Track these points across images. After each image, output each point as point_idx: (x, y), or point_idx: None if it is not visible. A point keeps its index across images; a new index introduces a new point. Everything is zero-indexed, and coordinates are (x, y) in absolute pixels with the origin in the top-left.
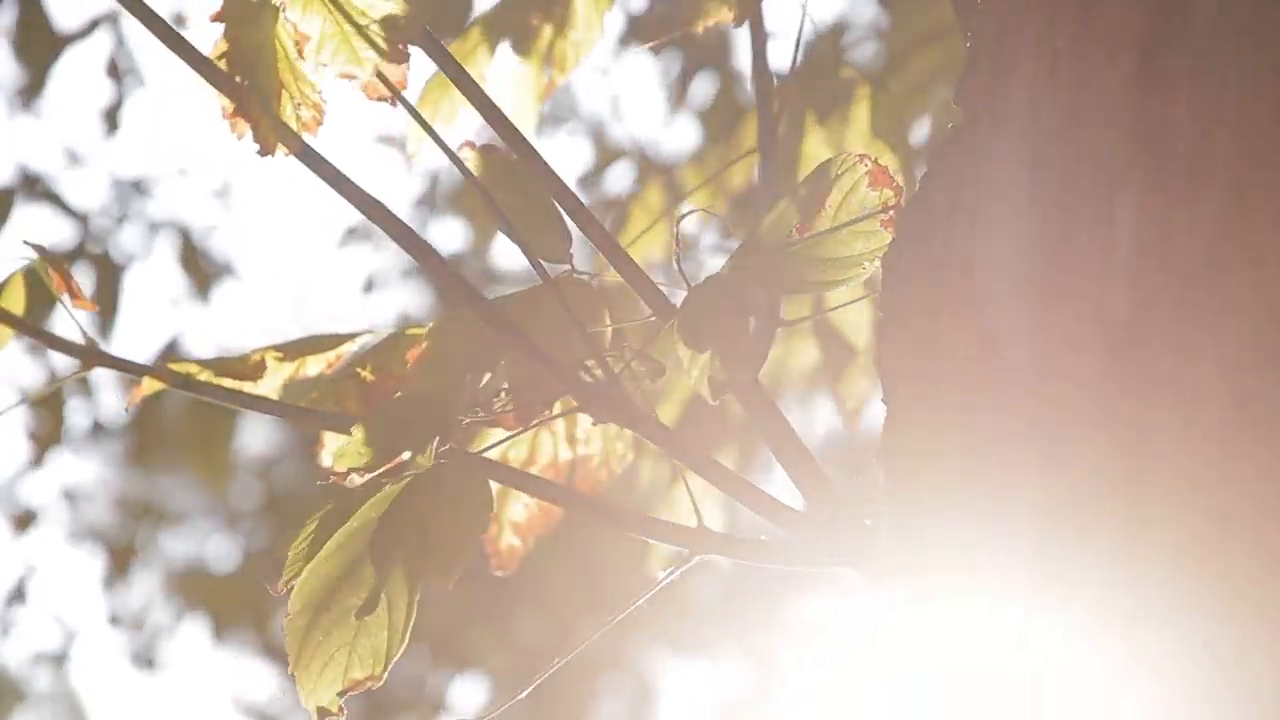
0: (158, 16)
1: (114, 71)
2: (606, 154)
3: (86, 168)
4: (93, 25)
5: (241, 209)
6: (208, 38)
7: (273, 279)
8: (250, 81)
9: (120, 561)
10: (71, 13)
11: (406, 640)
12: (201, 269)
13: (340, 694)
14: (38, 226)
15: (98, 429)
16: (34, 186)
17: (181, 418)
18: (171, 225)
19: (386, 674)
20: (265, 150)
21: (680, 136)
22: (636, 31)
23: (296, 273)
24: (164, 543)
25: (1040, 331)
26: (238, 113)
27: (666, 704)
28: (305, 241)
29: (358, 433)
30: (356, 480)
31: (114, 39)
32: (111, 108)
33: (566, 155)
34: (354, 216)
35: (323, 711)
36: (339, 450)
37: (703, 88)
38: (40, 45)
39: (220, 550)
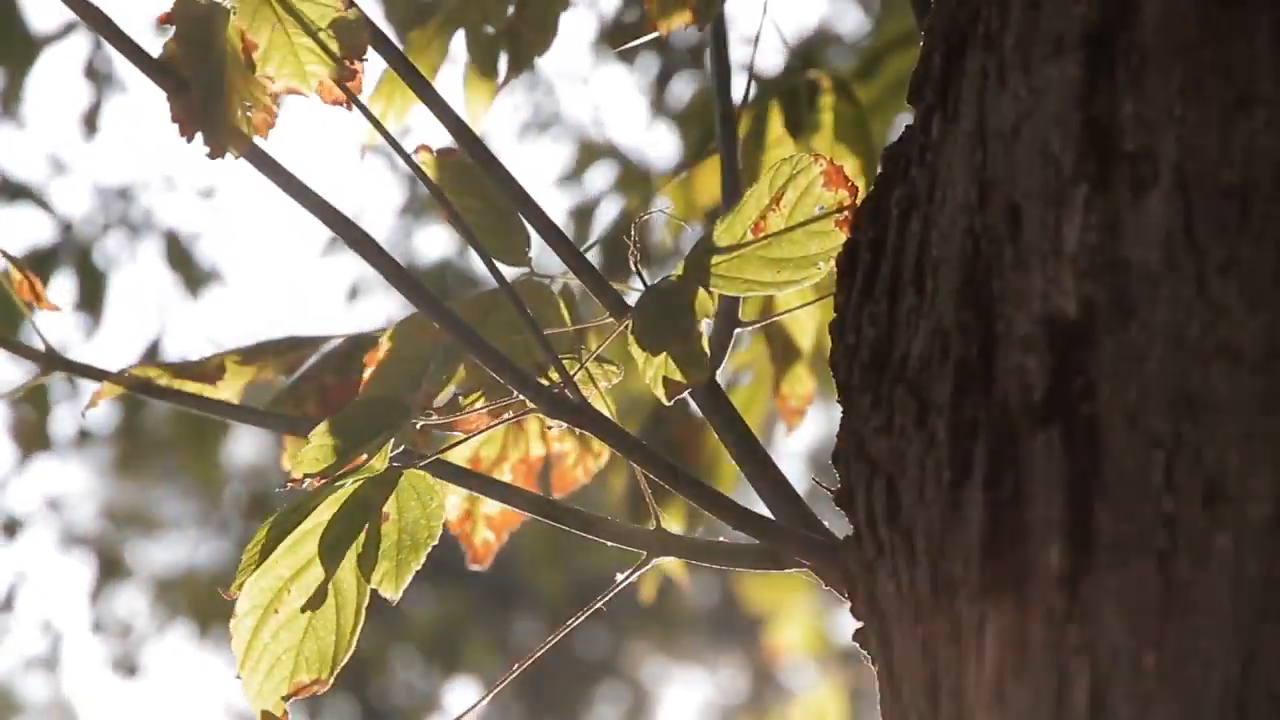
0: (105, 17)
1: (92, 74)
2: (586, 156)
3: (69, 172)
4: (69, 28)
5: (227, 213)
6: (159, 40)
7: (259, 283)
8: (198, 84)
9: (107, 568)
10: (48, 15)
11: (354, 646)
12: (188, 272)
13: (285, 697)
14: (20, 231)
15: (84, 436)
16: (15, 191)
17: (170, 422)
18: (157, 229)
19: (332, 679)
20: (214, 153)
21: (660, 140)
22: (612, 37)
23: (283, 277)
24: (151, 549)
25: (988, 334)
26: (186, 115)
27: (663, 710)
28: (292, 246)
29: (315, 438)
30: (313, 485)
31: (91, 42)
32: (90, 111)
33: (547, 160)
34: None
35: (267, 716)
36: (298, 456)
37: (680, 91)
38: (17, 49)
39: (207, 556)
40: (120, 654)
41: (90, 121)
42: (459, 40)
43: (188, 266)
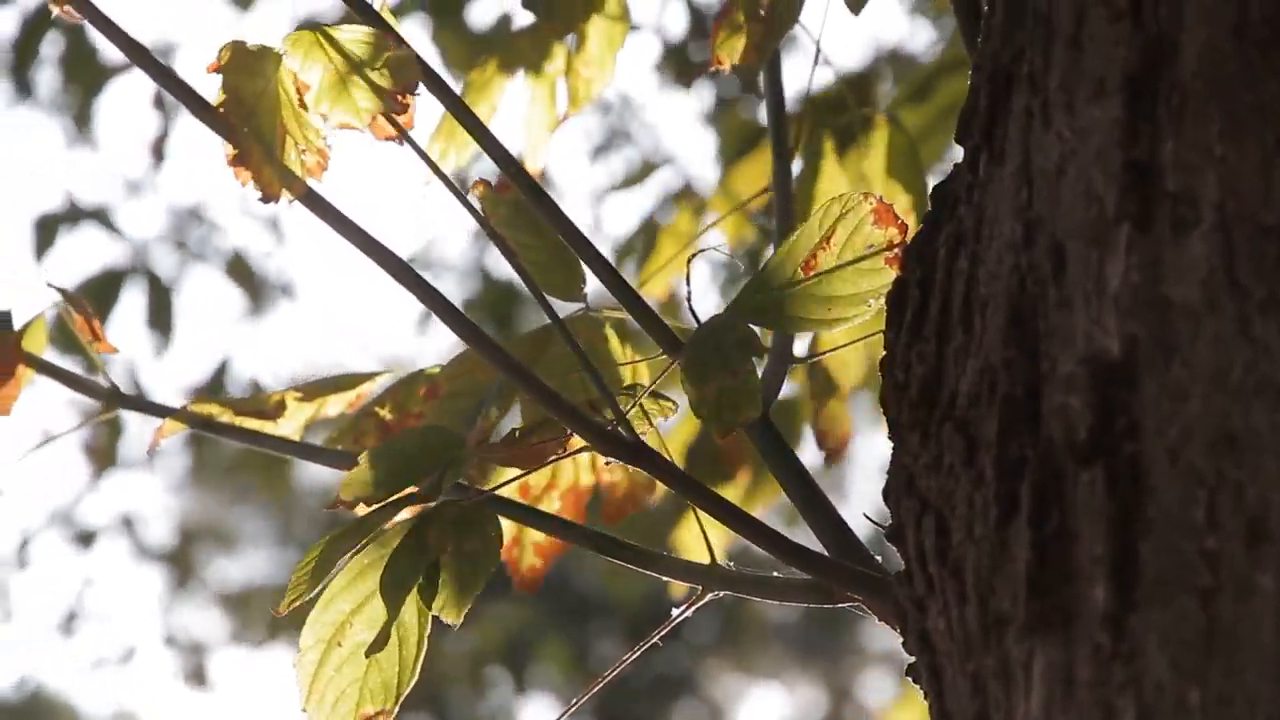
0: (163, 66)
1: (160, 103)
2: (637, 173)
3: (139, 195)
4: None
5: (299, 235)
6: (214, 84)
7: (329, 303)
8: (251, 129)
9: (179, 582)
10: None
11: (417, 674)
12: (253, 291)
13: None
14: (90, 252)
15: (157, 454)
16: (86, 213)
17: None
18: (224, 249)
19: (398, 709)
20: (268, 197)
21: (713, 166)
22: (671, 63)
23: (355, 298)
24: (224, 564)
25: (1034, 373)
26: (240, 160)
27: None
28: (362, 273)
29: (364, 461)
30: (362, 509)
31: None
32: (158, 139)
33: (606, 184)
34: (408, 249)
35: None
36: (348, 478)
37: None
38: (88, 76)
39: (279, 571)
40: (192, 666)
41: (158, 149)
42: (519, 78)
43: (254, 285)
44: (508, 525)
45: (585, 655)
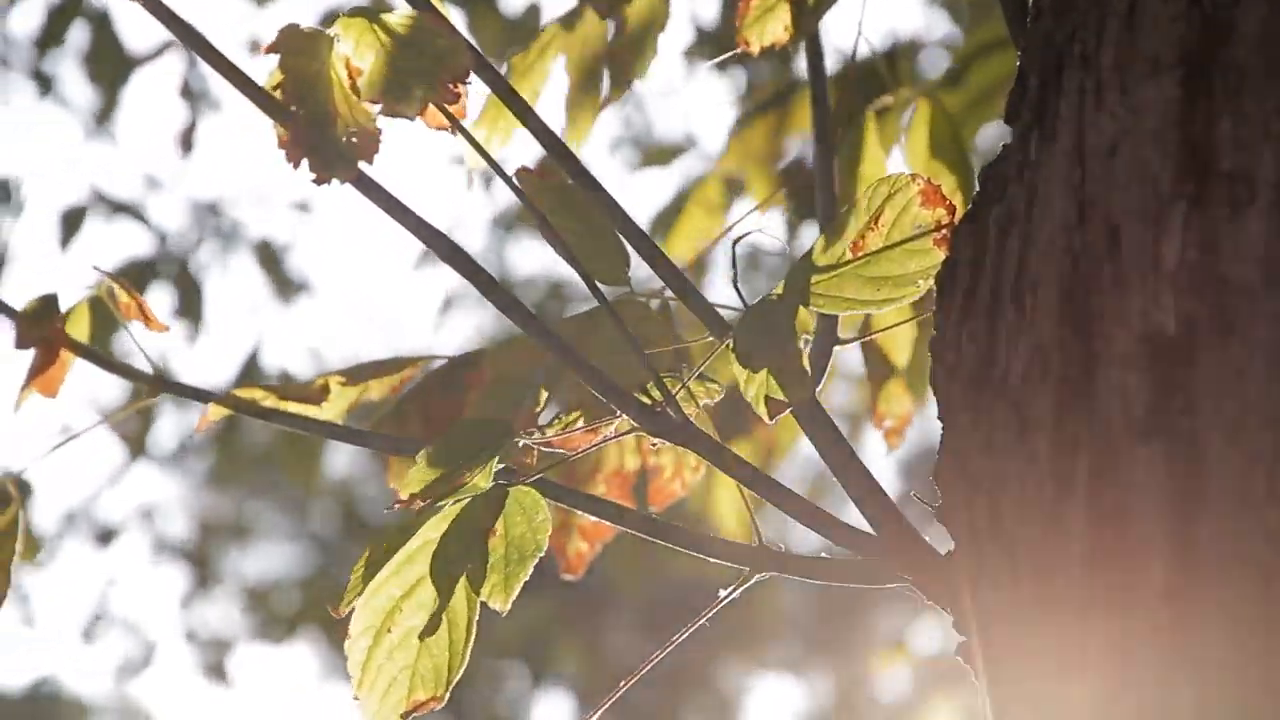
0: (213, 47)
1: (187, 93)
2: (662, 154)
3: (165, 187)
4: (164, 47)
5: (320, 226)
6: (265, 67)
7: (354, 293)
8: (304, 112)
9: (199, 578)
10: (144, 35)
11: (467, 661)
12: (281, 280)
13: (404, 715)
14: (119, 244)
15: (181, 450)
16: (113, 206)
17: (273, 435)
18: (251, 240)
19: (449, 694)
20: (320, 179)
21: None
22: (703, 46)
23: (375, 289)
24: (242, 559)
25: (1088, 351)
26: (292, 143)
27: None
28: (384, 260)
29: (421, 460)
30: (420, 505)
31: (186, 61)
32: (186, 130)
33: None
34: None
35: None
36: (404, 478)
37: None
38: (112, 67)
39: (298, 567)
40: (212, 661)
41: (186, 140)
42: (559, 64)
43: (281, 275)
44: (553, 511)
45: (600, 647)
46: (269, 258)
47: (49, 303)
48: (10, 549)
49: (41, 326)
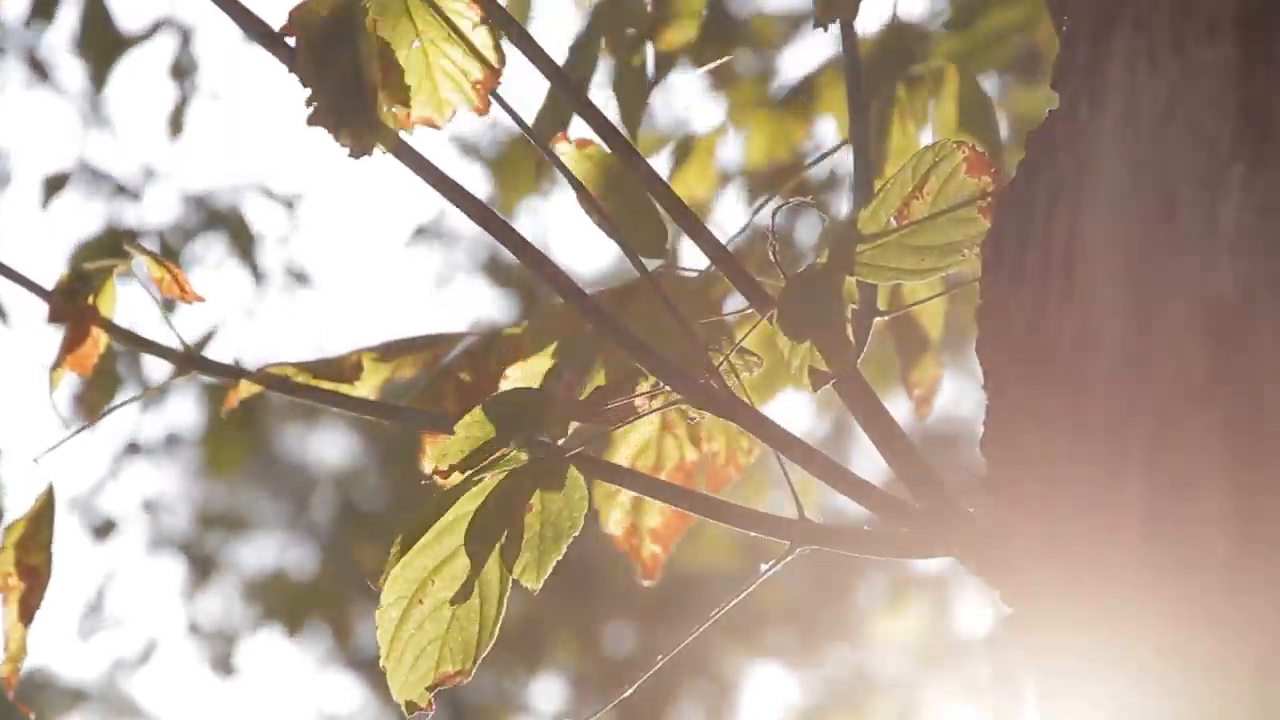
0: (252, 13)
1: (178, 73)
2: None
3: (155, 175)
4: (156, 27)
5: (309, 212)
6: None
7: (342, 277)
8: (340, 81)
9: (199, 570)
10: (135, 14)
11: (495, 637)
12: (254, 268)
13: (429, 688)
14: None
15: (172, 440)
16: (97, 177)
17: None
18: (241, 230)
19: (475, 670)
20: (360, 151)
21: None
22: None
23: (365, 271)
24: (241, 550)
25: (1144, 317)
26: (327, 113)
27: (745, 707)
28: (373, 241)
29: (460, 430)
30: (457, 478)
31: (179, 41)
32: (176, 110)
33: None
34: (423, 215)
35: (412, 706)
36: (440, 449)
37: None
38: (104, 47)
39: (296, 558)
40: (217, 655)
41: (176, 121)
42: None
43: (254, 263)
44: (623, 514)
45: (595, 635)
46: (245, 244)
47: (81, 279)
48: (49, 531)
49: (73, 303)
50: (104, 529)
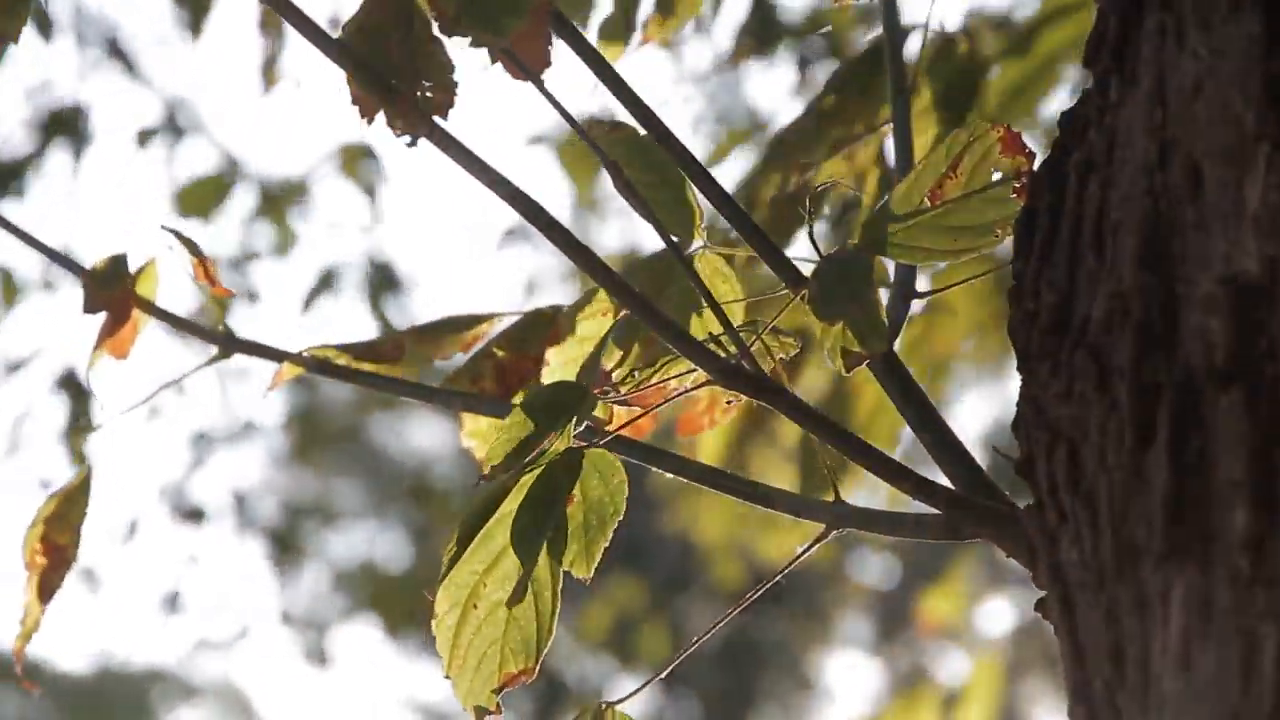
0: (292, 5)
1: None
2: (733, 136)
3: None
4: None
5: (397, 209)
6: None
7: (432, 279)
8: (382, 65)
9: (290, 559)
10: None
11: (554, 631)
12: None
13: (496, 690)
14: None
15: (254, 428)
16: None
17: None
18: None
19: (538, 667)
20: (402, 130)
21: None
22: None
23: (455, 274)
24: (334, 542)
25: (1171, 296)
26: (368, 96)
27: (826, 695)
28: (465, 241)
29: (503, 431)
30: (503, 476)
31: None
32: (268, 61)
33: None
34: (513, 217)
35: (480, 711)
36: (488, 450)
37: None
38: None
39: (384, 547)
40: (312, 644)
41: (269, 73)
42: None
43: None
44: None
45: (684, 631)
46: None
47: (119, 262)
48: (80, 512)
49: (113, 286)
50: (192, 515)
